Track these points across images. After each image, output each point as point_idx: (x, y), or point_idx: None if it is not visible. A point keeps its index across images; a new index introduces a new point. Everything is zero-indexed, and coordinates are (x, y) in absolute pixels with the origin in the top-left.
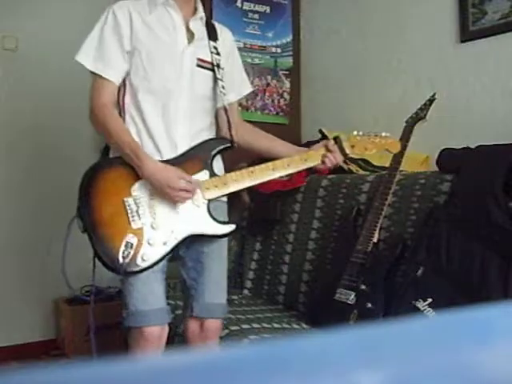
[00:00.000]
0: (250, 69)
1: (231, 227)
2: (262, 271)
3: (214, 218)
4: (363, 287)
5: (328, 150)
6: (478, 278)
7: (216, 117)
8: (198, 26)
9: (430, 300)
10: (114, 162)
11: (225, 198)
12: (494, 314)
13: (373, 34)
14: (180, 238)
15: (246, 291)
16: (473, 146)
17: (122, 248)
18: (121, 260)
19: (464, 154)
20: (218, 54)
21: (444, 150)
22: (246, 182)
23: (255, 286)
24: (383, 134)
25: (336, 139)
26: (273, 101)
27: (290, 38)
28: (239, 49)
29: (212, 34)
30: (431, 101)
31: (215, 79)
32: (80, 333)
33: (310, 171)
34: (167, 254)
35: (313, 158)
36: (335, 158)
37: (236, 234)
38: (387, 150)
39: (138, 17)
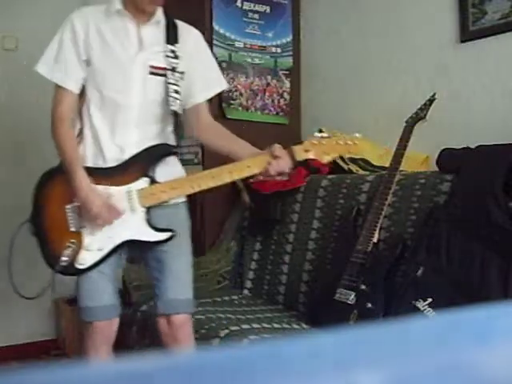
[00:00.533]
0: (251, 69)
1: (167, 235)
2: (262, 271)
3: (151, 226)
4: (363, 287)
5: (274, 156)
6: (478, 278)
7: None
8: (154, 31)
9: (429, 300)
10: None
11: (182, 199)
12: (494, 314)
13: (373, 34)
14: (116, 243)
15: (246, 291)
16: (473, 146)
17: (63, 252)
18: (61, 262)
19: (464, 154)
20: (175, 57)
21: (444, 150)
22: (185, 189)
23: (255, 286)
24: (349, 136)
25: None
26: (273, 101)
27: (290, 38)
28: (239, 49)
29: (171, 37)
30: (431, 101)
31: (168, 84)
32: (80, 333)
33: (310, 171)
34: (103, 259)
35: (257, 165)
36: (279, 166)
37: (236, 233)
38: (351, 153)
39: (94, 26)
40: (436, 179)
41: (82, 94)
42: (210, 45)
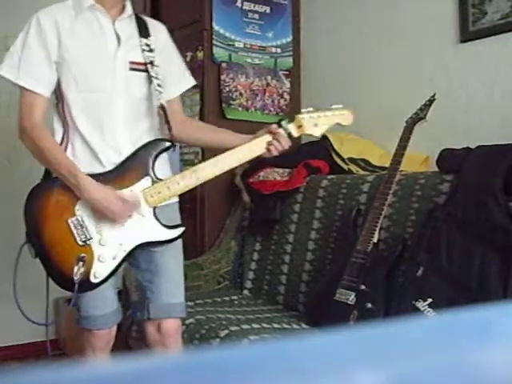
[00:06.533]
0: (251, 69)
1: (180, 230)
2: (262, 271)
3: (162, 224)
4: (363, 287)
5: (273, 135)
6: (478, 278)
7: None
8: (126, 25)
9: (430, 300)
10: (54, 182)
11: (175, 199)
12: (494, 314)
13: (373, 34)
14: (128, 249)
15: (246, 291)
16: (473, 146)
17: (75, 268)
18: (75, 279)
19: (464, 154)
20: (150, 50)
21: (444, 150)
22: (189, 183)
23: (255, 286)
24: (334, 107)
25: (279, 122)
26: (273, 101)
27: (290, 38)
28: (239, 49)
29: (143, 31)
30: (431, 101)
31: (150, 78)
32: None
33: (311, 171)
34: (117, 267)
35: (258, 147)
36: (281, 144)
37: (236, 233)
38: (339, 124)
39: (65, 24)
40: (436, 179)
41: (57, 97)
42: (210, 45)
